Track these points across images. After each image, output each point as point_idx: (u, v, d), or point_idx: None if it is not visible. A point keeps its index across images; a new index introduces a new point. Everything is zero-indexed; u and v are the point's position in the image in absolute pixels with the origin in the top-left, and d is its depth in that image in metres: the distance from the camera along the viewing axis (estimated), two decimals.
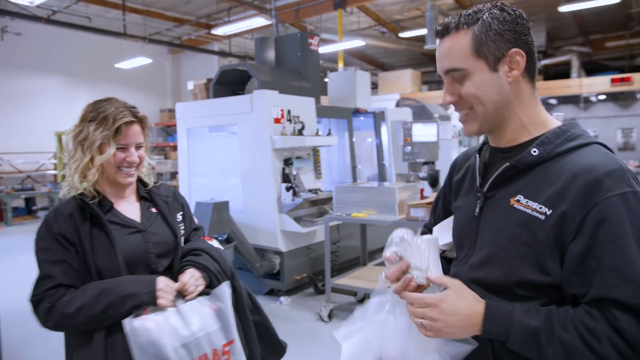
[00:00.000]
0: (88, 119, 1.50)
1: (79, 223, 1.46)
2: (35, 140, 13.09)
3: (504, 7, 1.03)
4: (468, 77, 1.02)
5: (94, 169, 1.48)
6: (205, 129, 5.48)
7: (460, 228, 1.18)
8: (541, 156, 1.00)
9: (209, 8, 12.44)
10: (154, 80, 16.12)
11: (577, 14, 12.64)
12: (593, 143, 1.02)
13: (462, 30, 1.02)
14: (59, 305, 1.37)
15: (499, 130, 1.08)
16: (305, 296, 4.95)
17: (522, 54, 1.01)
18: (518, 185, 1.03)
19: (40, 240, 1.46)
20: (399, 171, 6.78)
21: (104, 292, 1.37)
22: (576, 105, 16.30)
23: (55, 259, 1.42)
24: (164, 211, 1.65)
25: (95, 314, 1.35)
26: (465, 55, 1.01)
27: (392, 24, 13.97)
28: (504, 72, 1.01)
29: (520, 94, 1.04)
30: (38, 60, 13.18)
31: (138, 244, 1.53)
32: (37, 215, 11.49)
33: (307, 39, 5.85)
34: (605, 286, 0.90)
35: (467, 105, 1.05)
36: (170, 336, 1.35)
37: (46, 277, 1.41)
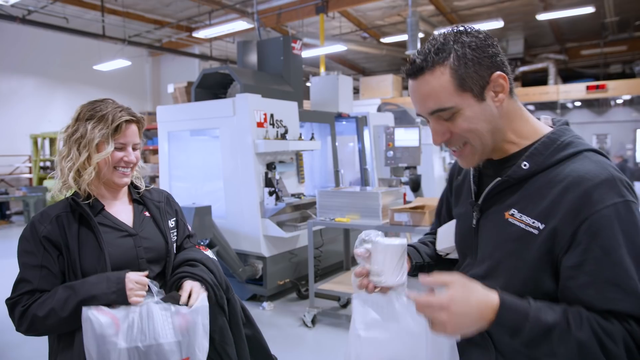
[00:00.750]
0: (85, 118, 1.46)
1: (66, 225, 1.42)
2: (10, 143, 12.77)
3: (469, 32, 1.00)
4: (458, 114, 0.99)
5: (90, 168, 1.44)
6: (187, 132, 5.41)
7: (461, 236, 1.19)
8: (532, 169, 0.99)
9: (189, 11, 12.33)
10: (134, 83, 15.90)
11: (554, 22, 12.93)
12: (584, 151, 1.00)
13: (438, 67, 0.97)
14: (31, 309, 1.35)
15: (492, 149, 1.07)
16: (288, 301, 4.91)
17: (504, 76, 0.98)
18: (512, 199, 1.02)
19: (23, 242, 1.43)
20: (382, 175, 6.80)
21: (72, 294, 1.34)
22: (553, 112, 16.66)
23: (35, 263, 1.39)
24: (155, 216, 1.61)
25: (64, 316, 1.33)
26: (450, 93, 0.97)
27: (373, 30, 14.07)
28: (490, 98, 0.99)
29: (507, 113, 1.03)
30: (13, 62, 12.86)
31: (129, 249, 1.49)
32: (11, 220, 11.19)
33: (290, 43, 5.84)
34: (609, 300, 0.89)
35: (461, 141, 1.03)
36: (122, 336, 1.31)
37: (23, 281, 1.40)
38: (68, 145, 1.47)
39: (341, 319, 4.32)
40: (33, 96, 13.40)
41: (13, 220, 11.19)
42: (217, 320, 1.57)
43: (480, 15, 12.45)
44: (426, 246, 1.35)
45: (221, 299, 1.58)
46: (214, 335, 1.55)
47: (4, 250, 8.33)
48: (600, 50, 14.61)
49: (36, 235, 1.41)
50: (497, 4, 11.47)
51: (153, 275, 1.55)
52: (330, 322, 4.26)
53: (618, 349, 0.87)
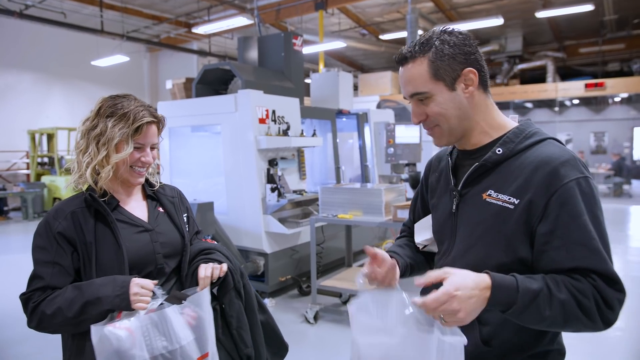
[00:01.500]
0: (106, 114, 1.43)
1: (82, 221, 1.40)
2: (7, 139, 12.70)
3: (452, 32, 1.17)
4: (431, 99, 1.16)
5: (108, 167, 1.42)
6: (188, 128, 5.40)
7: (439, 224, 1.31)
8: (505, 154, 1.15)
9: (188, 6, 12.29)
10: (132, 79, 15.83)
11: (552, 20, 12.96)
12: (547, 138, 1.16)
13: (419, 58, 1.15)
14: (41, 306, 1.34)
15: (464, 138, 1.22)
16: (290, 298, 4.92)
17: (474, 72, 1.15)
18: (488, 182, 1.16)
19: (37, 238, 1.41)
20: (382, 172, 6.81)
21: (79, 294, 1.33)
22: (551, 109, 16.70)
23: (49, 259, 1.38)
24: (170, 211, 1.61)
25: (70, 316, 1.32)
26: (425, 80, 1.15)
27: (372, 26, 14.06)
28: (461, 90, 1.16)
29: (478, 105, 1.18)
30: (10, 56, 12.78)
31: (145, 244, 1.48)
32: (9, 215, 11.14)
33: (291, 39, 5.83)
34: (577, 258, 1.03)
35: (433, 123, 1.19)
36: (140, 347, 1.28)
37: (36, 277, 1.38)
38: (86, 139, 1.44)
39: (343, 315, 4.33)
40: (30, 91, 13.32)
41: (11, 217, 11.14)
42: (234, 305, 1.57)
43: (480, 12, 12.46)
44: (402, 248, 1.45)
45: (238, 283, 1.59)
46: (231, 320, 1.56)
47: (2, 245, 8.29)
48: (598, 48, 14.65)
49: (50, 231, 1.39)
50: (496, 1, 11.48)
51: (169, 270, 1.54)
52: (332, 319, 4.27)
53: (590, 303, 1.01)
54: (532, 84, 14.57)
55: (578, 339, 3.83)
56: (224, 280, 1.54)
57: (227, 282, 1.55)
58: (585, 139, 17.16)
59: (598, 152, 17.22)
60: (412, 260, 1.41)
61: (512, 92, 14.13)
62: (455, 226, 1.23)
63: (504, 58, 15.58)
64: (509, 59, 15.51)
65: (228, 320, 1.55)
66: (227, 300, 1.57)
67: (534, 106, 17.32)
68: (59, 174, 11.32)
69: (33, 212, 10.83)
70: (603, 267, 1.03)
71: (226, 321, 1.56)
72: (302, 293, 4.93)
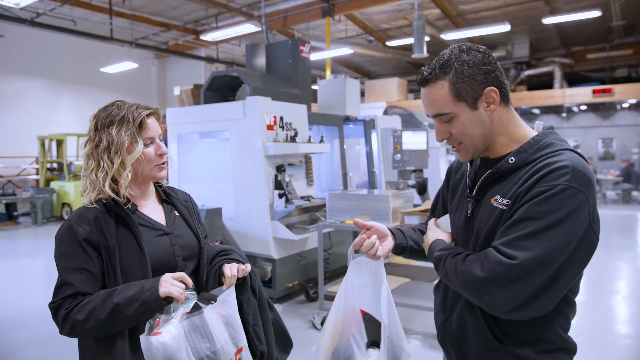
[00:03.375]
0: (105, 125, 1.46)
1: (104, 226, 1.42)
2: (17, 145, 12.84)
3: (469, 49, 1.19)
4: (455, 119, 1.20)
5: (126, 171, 1.44)
6: (196, 134, 5.44)
7: (456, 227, 1.37)
8: (517, 163, 1.18)
9: (196, 14, 12.40)
10: (140, 85, 15.97)
11: (559, 26, 12.94)
12: (561, 150, 1.15)
13: (440, 80, 1.19)
14: (72, 313, 1.35)
15: (487, 150, 1.26)
16: (297, 304, 4.92)
17: (495, 90, 1.17)
18: (498, 188, 1.21)
19: (61, 245, 1.41)
20: (389, 179, 6.81)
21: (110, 296, 1.35)
22: (559, 115, 16.63)
23: (76, 266, 1.38)
24: (185, 215, 1.64)
25: (102, 318, 1.32)
26: (448, 101, 1.18)
27: (379, 33, 14.11)
28: (483, 108, 1.19)
29: (500, 120, 1.21)
30: (21, 63, 12.95)
31: (166, 247, 1.51)
32: (19, 220, 11.23)
33: (299, 46, 5.87)
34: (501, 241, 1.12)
35: (457, 141, 1.24)
36: (187, 351, 1.32)
37: (65, 285, 1.38)
38: (96, 157, 1.45)
39: None
40: (40, 98, 13.47)
41: (20, 222, 11.24)
42: (251, 303, 1.62)
43: (486, 19, 12.47)
44: (414, 232, 1.54)
45: (254, 282, 1.64)
46: (248, 317, 1.60)
47: (11, 250, 8.37)
48: (606, 54, 14.61)
49: (74, 237, 1.39)
50: (503, 7, 11.49)
51: (188, 273, 1.57)
52: None
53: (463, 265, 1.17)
54: (539, 90, 14.53)
55: (586, 345, 3.80)
56: (244, 279, 1.58)
57: (245, 281, 1.59)
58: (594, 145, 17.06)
59: (606, 158, 17.11)
60: (416, 244, 1.49)
61: (519, 98, 14.10)
62: (471, 230, 1.29)
63: (510, 64, 15.56)
64: (516, 65, 15.49)
65: (245, 317, 1.59)
66: (245, 299, 1.61)
67: (541, 112, 17.25)
68: (67, 179, 11.41)
69: (42, 217, 10.92)
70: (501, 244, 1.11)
71: (243, 318, 1.59)
72: (309, 299, 4.93)
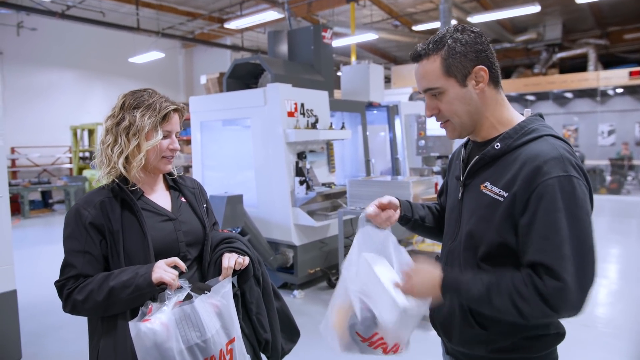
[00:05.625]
0: (131, 107, 1.51)
1: (109, 210, 1.47)
2: (51, 135, 13.26)
3: (464, 30, 1.23)
4: (444, 94, 1.24)
5: (140, 155, 1.49)
6: (219, 122, 5.49)
7: (449, 210, 1.42)
8: (502, 149, 1.21)
9: (221, 2, 12.44)
10: (167, 75, 16.20)
11: (594, 5, 12.42)
12: (544, 135, 1.19)
13: (432, 55, 1.23)
14: (74, 293, 1.42)
15: (475, 131, 1.30)
16: (319, 290, 4.96)
17: (484, 69, 1.21)
18: (486, 174, 1.24)
19: (68, 228, 1.48)
20: (413, 165, 6.73)
21: (107, 279, 1.40)
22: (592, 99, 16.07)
23: (79, 248, 1.44)
24: (191, 202, 1.67)
25: (99, 300, 1.39)
26: (438, 76, 1.23)
27: (405, 17, 13.86)
28: (471, 86, 1.22)
29: (488, 100, 1.25)
30: (53, 55, 13.31)
31: (169, 232, 1.55)
32: (54, 208, 11.65)
33: (320, 32, 5.83)
34: (538, 251, 1.10)
35: (445, 117, 1.28)
36: (176, 339, 1.33)
37: (68, 266, 1.45)
38: (114, 133, 1.50)
39: None
40: (72, 89, 13.84)
41: (55, 209, 11.65)
42: (254, 292, 1.64)
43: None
44: (422, 208, 1.58)
45: (257, 271, 1.66)
46: (251, 306, 1.63)
47: (47, 236, 8.70)
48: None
49: (80, 221, 1.45)
50: None
51: (192, 259, 1.60)
52: None
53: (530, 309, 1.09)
54: (571, 73, 14.05)
55: (614, 336, 3.70)
56: (245, 268, 1.60)
57: (247, 270, 1.61)
58: (630, 130, 16.40)
59: None
60: (422, 220, 1.55)
61: (550, 82, 13.68)
62: (461, 213, 1.33)
63: (542, 47, 15.07)
64: (548, 48, 14.99)
65: (248, 306, 1.62)
66: (248, 288, 1.63)
67: (574, 96, 16.69)
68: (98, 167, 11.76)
69: None
70: (551, 261, 1.07)
71: (246, 307, 1.63)
72: (331, 285, 4.96)
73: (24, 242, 7.87)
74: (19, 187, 10.48)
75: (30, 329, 4.09)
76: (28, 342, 3.78)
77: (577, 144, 16.13)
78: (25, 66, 12.78)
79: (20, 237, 8.29)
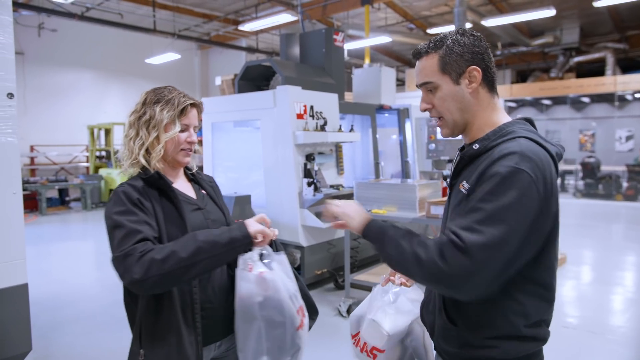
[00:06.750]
0: (152, 102, 1.59)
1: (150, 195, 1.52)
2: (69, 134, 13.53)
3: (464, 33, 1.30)
4: (437, 89, 1.30)
5: (159, 147, 1.56)
6: (230, 123, 5.57)
7: (444, 211, 1.48)
8: (479, 150, 1.26)
9: (237, 4, 12.57)
10: (183, 76, 16.40)
11: (612, 8, 12.25)
12: (518, 137, 1.22)
13: (431, 53, 1.30)
14: (149, 254, 1.33)
15: (466, 131, 1.34)
16: (326, 291, 4.99)
17: (478, 70, 1.27)
18: (465, 173, 1.29)
19: (119, 206, 1.44)
20: (423, 168, 6.73)
21: (193, 237, 1.40)
22: (610, 104, 15.82)
23: (139, 219, 1.43)
24: (211, 194, 1.75)
25: (184, 257, 1.33)
26: (434, 71, 1.29)
27: (420, 20, 13.84)
28: (464, 85, 1.28)
29: (480, 102, 1.30)
30: (72, 56, 13.59)
31: (201, 221, 1.61)
32: (70, 206, 11.87)
33: (332, 35, 5.87)
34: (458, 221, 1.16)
35: (438, 114, 1.33)
36: (285, 288, 1.46)
37: (132, 233, 1.38)
38: (136, 127, 1.59)
39: None
40: (90, 89, 14.11)
41: (72, 206, 11.87)
42: None
43: (533, 3, 11.96)
44: None
45: (280, 247, 1.72)
46: None
47: (63, 233, 8.88)
48: None
49: (130, 199, 1.46)
50: None
51: None
52: None
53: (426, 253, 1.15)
54: (588, 78, 13.86)
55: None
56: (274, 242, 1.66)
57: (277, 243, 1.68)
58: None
59: None
60: None
61: (566, 86, 13.52)
62: (448, 210, 1.39)
63: (559, 51, 14.91)
64: (565, 52, 14.82)
65: None
66: None
67: (591, 101, 16.46)
68: (114, 166, 11.94)
69: (91, 203, 11.50)
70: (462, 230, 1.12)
71: None
72: (338, 287, 4.98)
73: (41, 239, 8.04)
74: (37, 184, 10.71)
75: (43, 322, 4.19)
76: (40, 335, 3.88)
77: (593, 150, 15.88)
78: (45, 66, 13.08)
79: (37, 233, 8.48)
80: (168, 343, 1.43)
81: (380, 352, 1.51)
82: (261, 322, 1.45)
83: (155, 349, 1.43)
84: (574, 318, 4.31)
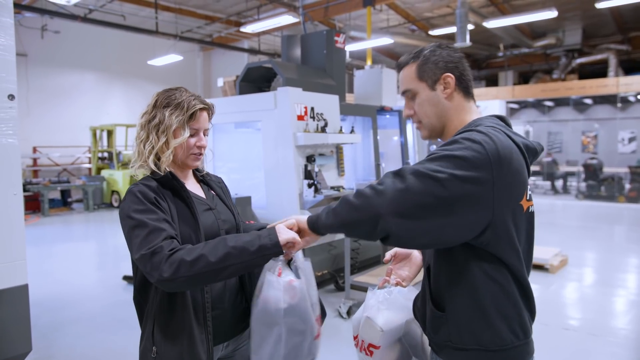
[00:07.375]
0: (162, 105, 1.57)
1: (165, 194, 1.52)
2: (71, 135, 13.57)
3: (441, 45, 1.42)
4: (417, 95, 1.40)
5: (168, 152, 1.54)
6: (231, 125, 5.57)
7: None
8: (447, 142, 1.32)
9: (239, 6, 12.60)
10: (185, 77, 16.44)
11: (615, 10, 12.24)
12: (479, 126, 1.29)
13: (410, 63, 1.41)
14: (178, 254, 1.33)
15: (444, 134, 1.42)
16: (326, 292, 4.99)
17: (452, 76, 1.36)
18: None
19: (138, 205, 1.44)
20: None
21: (223, 241, 1.37)
22: (612, 105, 15.79)
23: (159, 217, 1.43)
24: (220, 194, 1.75)
25: (213, 261, 1.32)
26: (412, 79, 1.40)
27: (422, 22, 13.85)
28: (440, 90, 1.38)
29: (456, 106, 1.39)
30: (75, 58, 13.63)
31: (213, 221, 1.61)
32: (72, 207, 11.90)
33: (333, 37, 5.87)
34: None
35: (418, 119, 1.42)
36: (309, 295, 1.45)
37: (156, 230, 1.38)
38: (147, 130, 1.57)
39: None
40: (92, 90, 14.15)
41: (74, 207, 11.90)
42: None
43: (535, 4, 11.96)
44: None
45: None
46: None
47: (65, 234, 8.90)
48: None
49: (148, 198, 1.46)
50: None
51: None
52: None
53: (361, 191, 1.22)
54: (590, 79, 13.84)
55: None
56: None
57: None
58: None
59: None
60: None
61: (568, 87, 13.49)
62: None
63: (561, 52, 14.88)
64: (567, 53, 14.79)
65: None
66: None
67: (594, 102, 16.43)
68: (117, 168, 11.97)
69: (93, 204, 11.53)
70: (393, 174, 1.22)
71: None
72: (338, 288, 4.98)
73: (43, 240, 8.06)
74: (39, 185, 10.75)
75: (43, 323, 4.21)
76: (40, 335, 3.90)
77: (595, 151, 15.85)
78: (48, 68, 13.13)
79: (39, 234, 8.51)
80: (180, 341, 1.44)
81: (376, 348, 1.52)
82: (283, 327, 1.42)
83: (167, 347, 1.45)
84: (575, 320, 4.30)
